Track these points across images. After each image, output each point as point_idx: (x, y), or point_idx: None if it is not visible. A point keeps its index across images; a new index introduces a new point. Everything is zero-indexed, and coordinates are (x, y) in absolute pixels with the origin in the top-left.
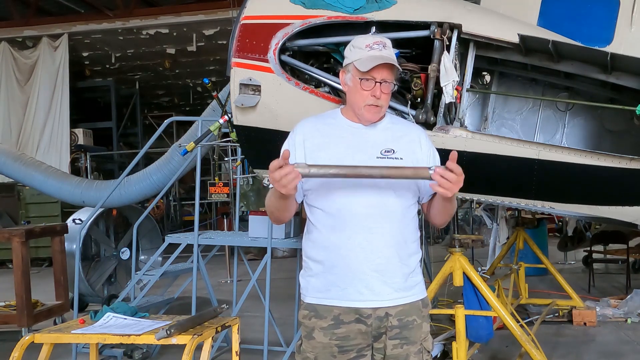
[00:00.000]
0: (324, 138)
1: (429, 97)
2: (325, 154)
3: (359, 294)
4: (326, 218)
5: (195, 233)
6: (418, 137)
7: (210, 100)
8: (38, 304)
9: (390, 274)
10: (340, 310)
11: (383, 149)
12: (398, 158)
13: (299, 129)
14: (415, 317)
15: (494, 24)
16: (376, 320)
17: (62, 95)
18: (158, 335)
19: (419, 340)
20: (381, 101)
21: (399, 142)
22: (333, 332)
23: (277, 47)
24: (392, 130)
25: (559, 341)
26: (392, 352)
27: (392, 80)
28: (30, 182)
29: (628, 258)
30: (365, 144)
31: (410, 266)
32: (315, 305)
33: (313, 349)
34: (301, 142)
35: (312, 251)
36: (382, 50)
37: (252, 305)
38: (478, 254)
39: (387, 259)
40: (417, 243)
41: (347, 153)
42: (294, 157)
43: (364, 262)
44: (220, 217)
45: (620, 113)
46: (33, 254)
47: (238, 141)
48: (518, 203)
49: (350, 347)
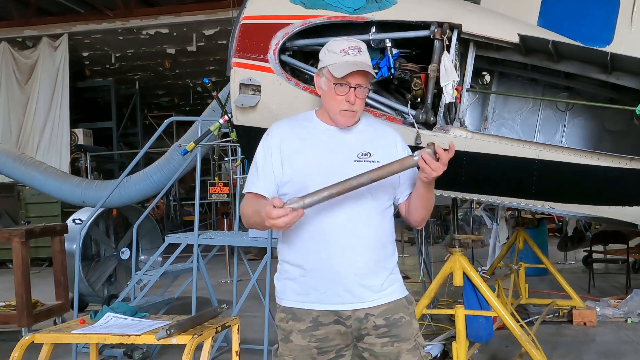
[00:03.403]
0: (300, 141)
1: (429, 97)
2: (303, 157)
3: (338, 297)
4: (300, 221)
5: (195, 233)
6: (394, 138)
7: (210, 100)
8: (38, 304)
9: (369, 277)
10: (319, 312)
11: (359, 152)
12: (375, 161)
13: (274, 131)
14: (403, 314)
15: (494, 24)
16: (356, 321)
17: (62, 95)
18: (158, 335)
19: (412, 336)
20: (356, 106)
21: (375, 144)
22: (312, 334)
23: (277, 47)
24: (368, 132)
25: (559, 341)
26: (383, 350)
27: (367, 86)
28: (30, 182)
29: (628, 258)
30: (341, 147)
31: (388, 268)
32: (293, 308)
33: (291, 351)
34: (277, 146)
35: (290, 255)
36: (356, 56)
37: (252, 305)
38: (478, 254)
39: (366, 263)
40: (394, 245)
41: (324, 156)
42: (270, 160)
43: (344, 266)
44: (220, 217)
45: (620, 113)
46: (33, 254)
47: (238, 141)
48: (518, 203)
49: (329, 348)
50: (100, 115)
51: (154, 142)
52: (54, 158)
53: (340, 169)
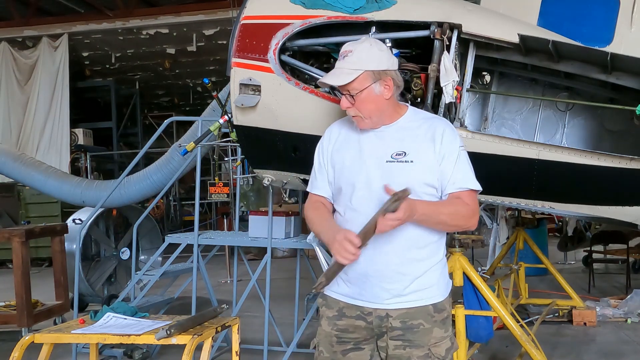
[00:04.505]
0: (342, 143)
1: (429, 97)
2: (341, 158)
3: (360, 295)
4: (340, 218)
5: (195, 233)
6: (441, 133)
7: (210, 100)
8: (38, 304)
9: (388, 279)
10: (345, 304)
11: (394, 152)
12: (408, 161)
13: (327, 132)
14: (423, 321)
15: (494, 24)
16: (376, 318)
17: (62, 95)
18: (158, 335)
19: (426, 345)
20: (353, 111)
21: (413, 142)
22: (335, 322)
23: (277, 47)
24: (409, 129)
25: (559, 341)
26: (394, 352)
27: (354, 91)
28: (30, 182)
29: (628, 258)
30: (376, 148)
31: (415, 272)
32: (327, 296)
33: (319, 335)
34: (327, 146)
35: None
36: (340, 62)
37: (252, 305)
38: (478, 254)
39: (385, 265)
40: (429, 248)
41: (356, 158)
42: (322, 160)
43: (364, 265)
44: (220, 217)
45: (620, 113)
46: (33, 254)
47: (238, 141)
48: (518, 203)
49: (348, 340)
50: (100, 115)
51: (154, 142)
52: (54, 158)
53: (369, 172)
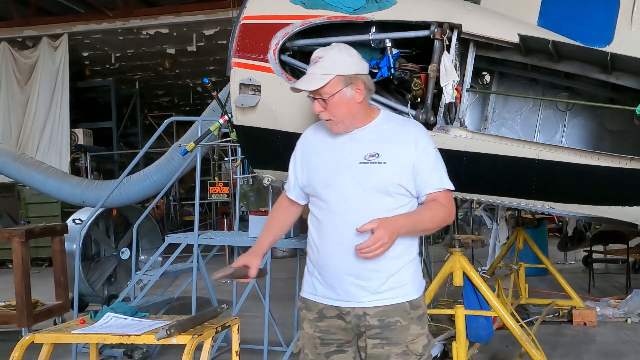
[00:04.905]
0: (316, 147)
1: (429, 97)
2: (314, 162)
3: (337, 295)
4: (314, 220)
5: (195, 233)
6: (415, 137)
7: (210, 100)
8: (38, 304)
9: (364, 277)
10: (324, 305)
11: (367, 154)
12: (381, 162)
13: (301, 137)
14: (400, 318)
15: (494, 24)
16: (354, 318)
17: (62, 95)
18: (158, 335)
19: (403, 342)
20: (326, 115)
21: (386, 144)
22: (317, 324)
23: (277, 47)
24: (382, 131)
25: (559, 341)
26: (373, 352)
27: (326, 95)
28: (30, 182)
29: (628, 258)
30: (350, 151)
31: (390, 269)
32: (306, 299)
33: (302, 338)
34: (300, 151)
35: (308, 249)
36: (311, 68)
37: (252, 305)
38: (478, 254)
39: (359, 263)
40: (403, 245)
41: (328, 160)
42: (294, 165)
43: (338, 265)
44: (220, 217)
45: (620, 113)
46: (33, 254)
47: (238, 141)
48: (518, 203)
49: (331, 341)
50: (100, 115)
51: (154, 142)
52: (54, 158)
53: (343, 174)
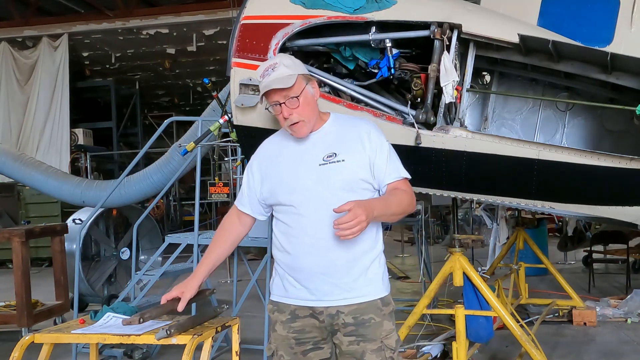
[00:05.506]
0: (273, 158)
1: (429, 97)
2: (274, 172)
3: (310, 294)
4: (280, 224)
5: (195, 233)
6: (365, 131)
7: (210, 100)
8: (38, 304)
9: (337, 275)
10: (296, 306)
11: (325, 155)
12: (340, 161)
13: (256, 152)
14: (373, 315)
15: (494, 24)
16: (328, 317)
17: (62, 95)
18: (158, 335)
19: (378, 338)
20: (296, 117)
21: (342, 143)
22: (290, 325)
23: (277, 47)
24: (335, 132)
25: (559, 341)
26: (348, 348)
27: (295, 94)
28: (30, 182)
29: (628, 258)
30: (308, 155)
31: (361, 266)
32: (277, 302)
33: (275, 340)
34: (257, 165)
35: (275, 253)
36: (271, 74)
37: (252, 305)
38: (478, 254)
39: (332, 261)
40: (371, 241)
41: (289, 168)
42: (252, 179)
43: (311, 265)
44: (220, 217)
45: (620, 113)
46: (33, 254)
47: (238, 141)
48: (518, 203)
49: (306, 340)
50: (100, 115)
51: (154, 142)
52: (54, 158)
53: (306, 177)
